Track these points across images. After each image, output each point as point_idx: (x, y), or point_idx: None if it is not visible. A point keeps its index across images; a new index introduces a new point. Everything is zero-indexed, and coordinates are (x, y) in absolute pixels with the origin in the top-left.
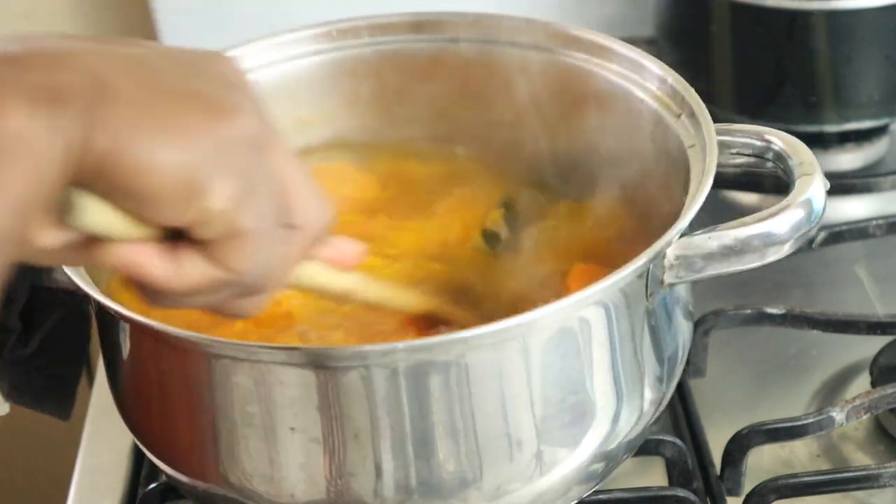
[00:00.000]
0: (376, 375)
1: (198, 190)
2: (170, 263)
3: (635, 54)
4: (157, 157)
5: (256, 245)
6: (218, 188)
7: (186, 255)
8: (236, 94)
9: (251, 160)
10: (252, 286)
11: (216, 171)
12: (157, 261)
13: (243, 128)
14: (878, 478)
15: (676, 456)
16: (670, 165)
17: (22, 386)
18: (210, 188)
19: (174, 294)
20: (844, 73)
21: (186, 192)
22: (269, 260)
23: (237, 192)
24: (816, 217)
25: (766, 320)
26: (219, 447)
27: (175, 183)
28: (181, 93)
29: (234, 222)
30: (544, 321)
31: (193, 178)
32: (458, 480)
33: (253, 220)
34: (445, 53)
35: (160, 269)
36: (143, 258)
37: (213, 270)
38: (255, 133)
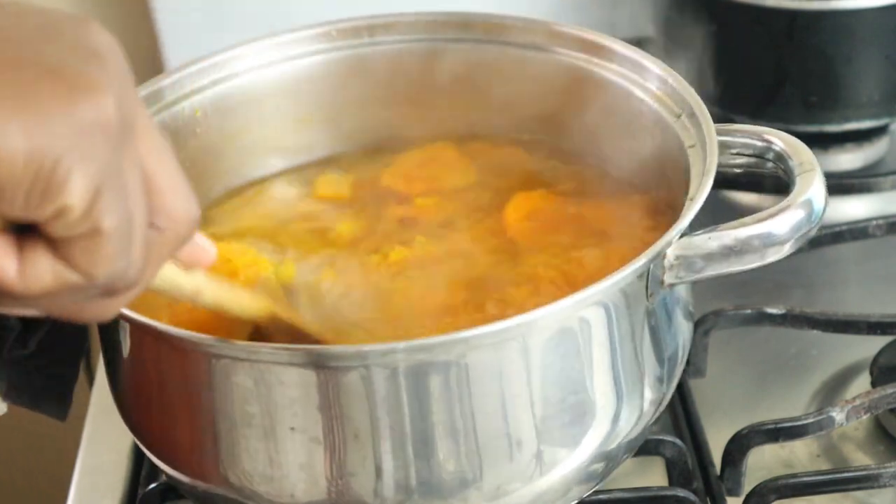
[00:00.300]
0: (376, 375)
1: (52, 181)
2: (14, 262)
3: (635, 54)
4: (2, 142)
5: (115, 246)
6: (75, 179)
7: (35, 254)
8: (97, 68)
9: (110, 148)
10: (108, 289)
11: (73, 160)
12: (4, 261)
13: (101, 109)
14: (878, 478)
15: (676, 456)
16: (670, 165)
17: (20, 386)
18: (66, 179)
19: (18, 296)
20: (844, 73)
21: (38, 182)
22: (130, 263)
23: (96, 184)
24: (817, 217)
25: (766, 320)
26: (219, 447)
27: (24, 172)
28: (30, 63)
29: (90, 220)
30: (544, 321)
31: (46, 167)
32: (458, 480)
33: (113, 217)
34: (445, 53)
35: (5, 266)
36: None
37: (65, 273)
38: (113, 116)
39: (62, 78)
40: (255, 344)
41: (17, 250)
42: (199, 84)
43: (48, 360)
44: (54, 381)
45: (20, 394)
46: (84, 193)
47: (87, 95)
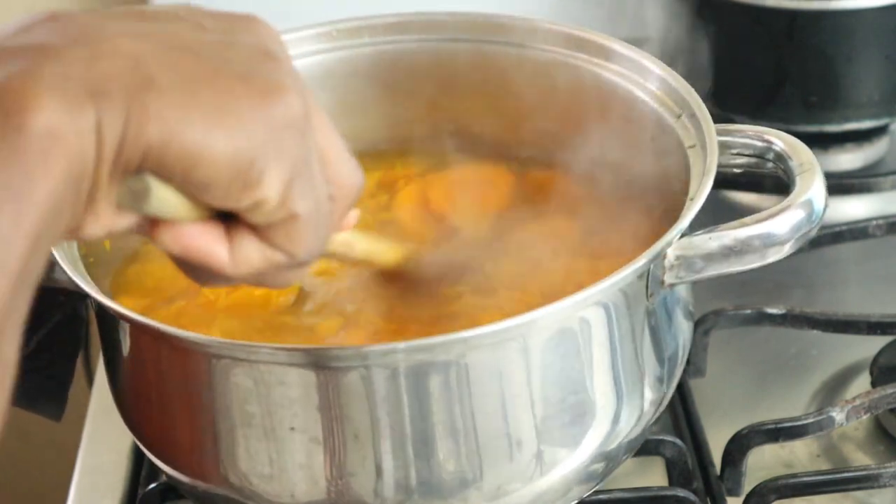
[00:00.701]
0: (376, 375)
1: (252, 177)
2: (225, 247)
3: (635, 54)
4: (208, 146)
5: (310, 227)
6: (271, 175)
7: (243, 238)
8: (276, 68)
9: (300, 141)
10: (305, 262)
11: (269, 157)
12: (216, 244)
13: (290, 108)
14: (878, 478)
15: (676, 456)
16: (670, 165)
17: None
18: (264, 175)
19: (230, 277)
20: (844, 73)
21: (241, 179)
22: (321, 236)
23: (289, 176)
24: (817, 217)
25: (766, 320)
26: (219, 447)
27: (229, 171)
28: (222, 74)
29: (287, 207)
30: (544, 321)
31: (247, 166)
32: (458, 480)
33: (305, 203)
34: (445, 53)
35: (220, 252)
36: (204, 242)
37: (270, 253)
38: (301, 111)
39: (252, 84)
40: (255, 344)
41: (227, 237)
42: None
43: (44, 361)
44: (50, 382)
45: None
46: (278, 186)
47: (276, 98)
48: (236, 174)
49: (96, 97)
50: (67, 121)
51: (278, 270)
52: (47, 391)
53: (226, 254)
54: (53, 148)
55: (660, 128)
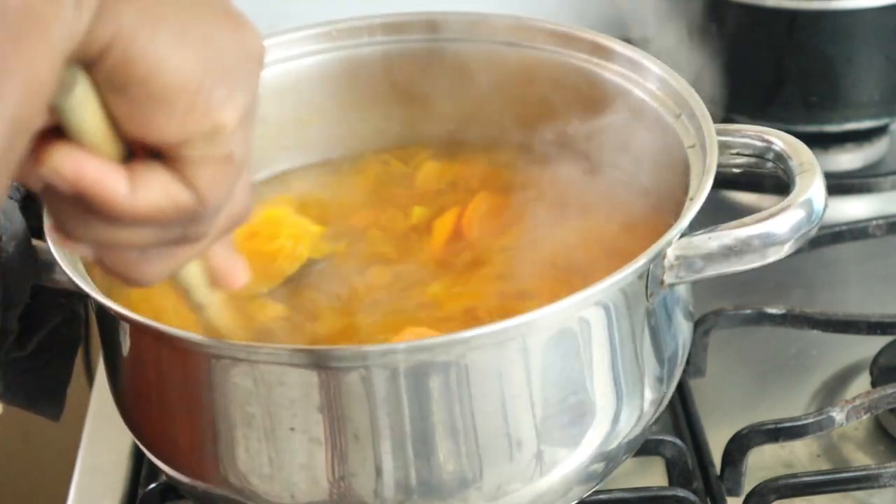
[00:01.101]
0: (376, 376)
1: (216, 100)
2: (124, 181)
3: (635, 54)
4: (182, 57)
5: (234, 175)
6: (235, 101)
7: (149, 173)
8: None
9: (257, 79)
10: (188, 233)
11: (236, 83)
12: (115, 175)
13: (258, 42)
14: (878, 478)
15: (676, 456)
16: (670, 165)
17: (15, 387)
18: (227, 100)
19: (125, 218)
20: (844, 73)
21: (204, 100)
22: (229, 197)
23: (245, 111)
24: (817, 217)
25: (766, 320)
26: (219, 447)
27: (197, 88)
28: (209, 8)
29: (230, 143)
30: (544, 321)
31: (203, 87)
32: (458, 480)
33: (244, 147)
34: (445, 53)
35: (118, 184)
36: (102, 171)
37: (181, 193)
38: (261, 48)
39: (231, 17)
40: (255, 344)
41: (128, 171)
42: None
43: (43, 361)
44: (49, 382)
45: (15, 394)
46: (237, 116)
47: (249, 31)
48: (200, 91)
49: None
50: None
51: (175, 228)
52: (46, 391)
53: (124, 185)
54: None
55: (660, 128)
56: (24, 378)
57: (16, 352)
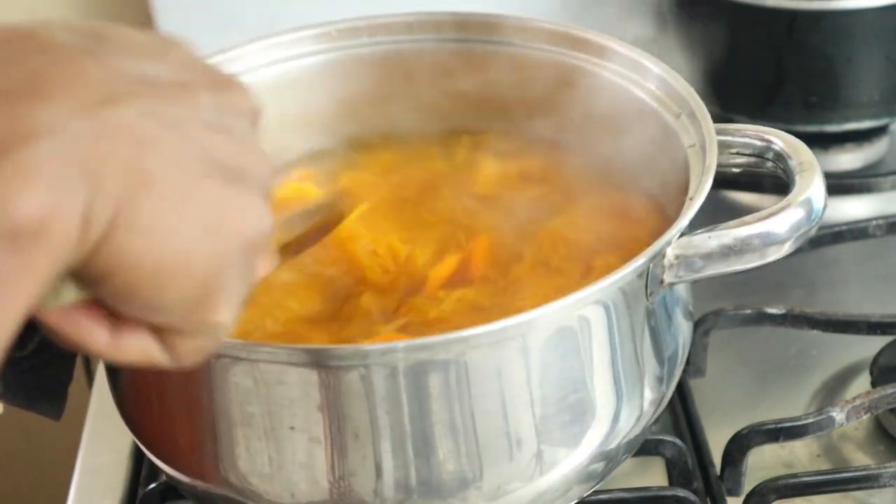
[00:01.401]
0: (376, 375)
1: (210, 301)
2: (110, 333)
3: (635, 54)
4: (178, 273)
5: (214, 345)
6: (230, 298)
7: (130, 333)
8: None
9: (255, 258)
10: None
11: (231, 282)
12: (98, 329)
13: (263, 224)
14: (878, 478)
15: (676, 456)
16: (670, 165)
17: (15, 386)
18: (222, 298)
19: (106, 359)
20: (844, 73)
21: (197, 303)
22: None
23: (241, 300)
24: (816, 217)
25: (766, 320)
26: (219, 447)
27: (188, 294)
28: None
29: (221, 330)
30: (544, 320)
31: (210, 288)
32: (458, 480)
33: (229, 328)
34: (445, 53)
35: (100, 338)
36: (85, 324)
37: (158, 355)
38: (268, 229)
39: (239, 190)
40: (255, 343)
41: (114, 324)
42: None
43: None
44: (49, 381)
45: (15, 394)
46: (233, 311)
47: (256, 211)
48: (202, 298)
49: (90, 182)
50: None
51: (150, 365)
52: (47, 391)
53: (105, 339)
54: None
55: (660, 128)
56: (25, 378)
57: (16, 352)
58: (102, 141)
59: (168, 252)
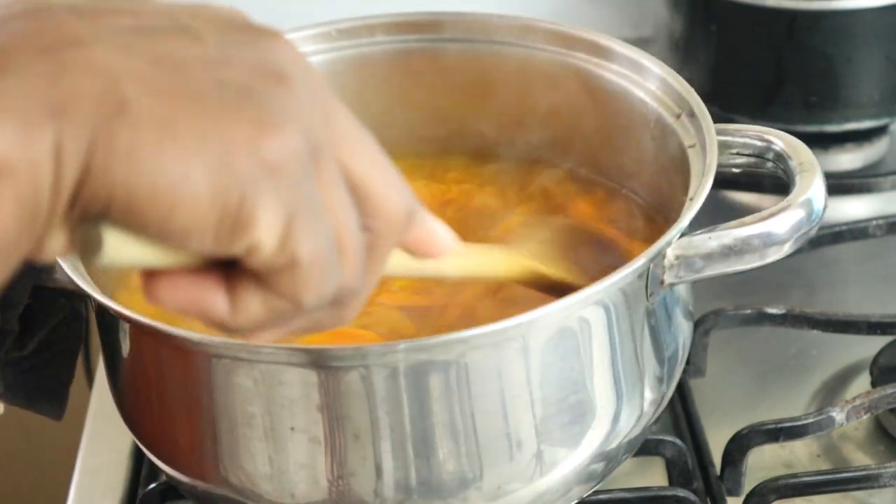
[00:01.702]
0: (376, 375)
1: (241, 219)
2: (224, 297)
3: (635, 54)
4: (186, 186)
5: (318, 272)
6: (266, 216)
7: (243, 287)
8: (279, 95)
9: (300, 178)
10: (334, 302)
11: (261, 196)
12: (213, 294)
13: (287, 143)
14: (878, 478)
15: (676, 456)
16: (670, 165)
17: (16, 386)
18: (252, 216)
19: (234, 330)
20: (844, 73)
21: (225, 222)
22: (344, 278)
23: (286, 218)
24: (817, 217)
25: (766, 320)
26: (219, 447)
27: (209, 213)
28: (210, 98)
29: (288, 252)
30: (544, 321)
31: (235, 206)
32: (458, 480)
33: (309, 245)
34: (445, 53)
35: (218, 303)
36: (197, 292)
37: (275, 302)
38: (301, 147)
39: (243, 113)
40: (255, 343)
41: (226, 285)
42: None
43: (44, 360)
44: (50, 381)
45: (16, 394)
46: (274, 228)
47: (271, 132)
48: (221, 217)
49: (57, 117)
50: (19, 148)
51: (288, 319)
52: (47, 391)
53: (225, 304)
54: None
55: (660, 128)
56: (25, 378)
57: (16, 352)
58: (68, 76)
59: (158, 173)
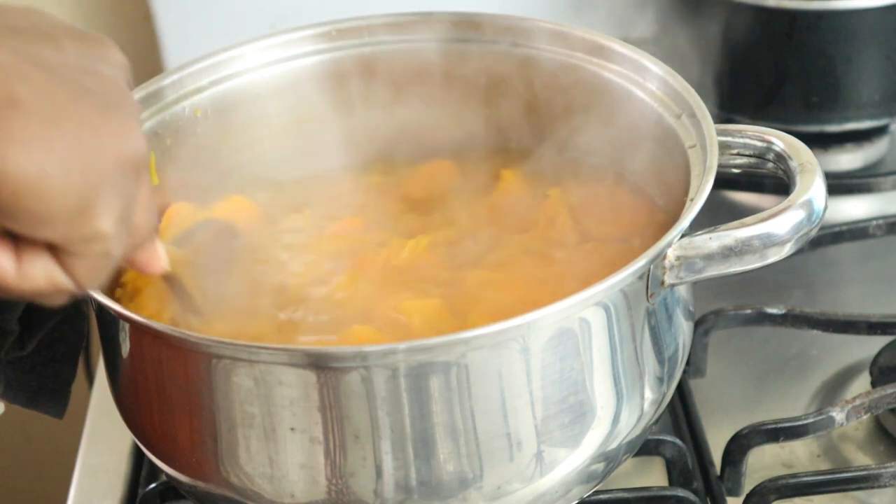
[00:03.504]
0: (376, 376)
1: (95, 212)
2: (13, 261)
3: (635, 54)
4: (56, 182)
5: (110, 264)
6: (112, 211)
7: (35, 257)
8: (129, 104)
9: (137, 181)
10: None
11: (114, 193)
12: (4, 259)
13: (139, 147)
14: (878, 478)
15: (676, 456)
16: (670, 165)
17: (17, 385)
18: (105, 211)
19: (11, 291)
20: (844, 73)
21: (77, 212)
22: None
23: (120, 215)
24: (817, 218)
25: (766, 320)
26: (219, 447)
27: (68, 203)
28: (84, 103)
29: (107, 244)
30: (544, 321)
31: (88, 199)
32: (458, 480)
33: (122, 242)
34: (445, 53)
35: (7, 265)
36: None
37: (61, 278)
38: (145, 152)
39: (109, 118)
40: (255, 344)
41: (15, 250)
42: (199, 84)
43: (45, 359)
44: (51, 380)
45: (17, 393)
46: (113, 222)
47: (129, 135)
48: (72, 205)
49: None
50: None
51: (55, 294)
52: (48, 390)
53: (12, 268)
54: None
55: (660, 128)
56: (26, 377)
57: (16, 352)
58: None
59: (41, 164)
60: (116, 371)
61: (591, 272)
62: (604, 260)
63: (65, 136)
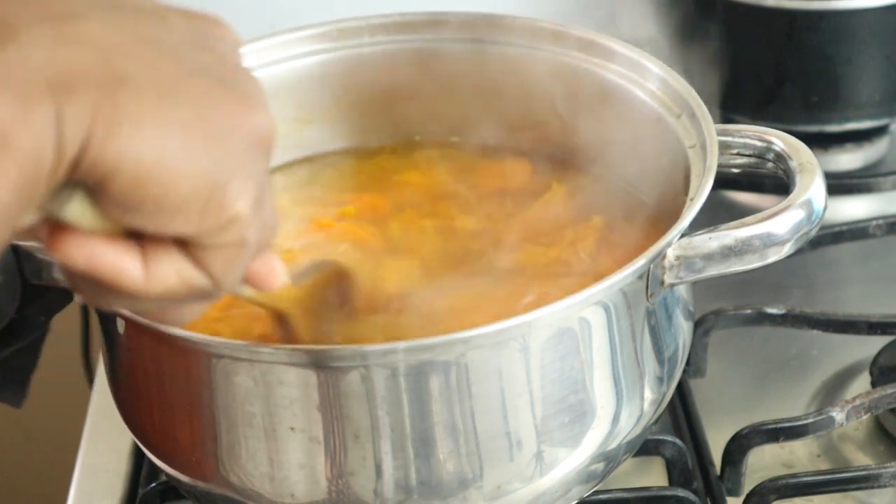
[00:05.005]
0: (376, 375)
1: (228, 197)
2: (139, 263)
3: (635, 54)
4: (192, 163)
5: (248, 255)
6: (244, 191)
7: (163, 255)
8: (250, 80)
9: (267, 159)
10: (220, 293)
11: (244, 174)
12: (128, 259)
13: (266, 122)
14: (878, 478)
15: (676, 456)
16: (670, 165)
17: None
18: (239, 193)
19: (139, 296)
20: (844, 73)
21: (210, 197)
22: (244, 269)
23: (256, 197)
24: (817, 217)
25: (766, 320)
26: (219, 447)
27: (210, 189)
28: (202, 78)
29: (244, 231)
30: (544, 321)
31: (217, 185)
32: (458, 480)
33: (258, 230)
34: (446, 53)
35: (132, 269)
36: (114, 255)
37: (195, 276)
38: (273, 128)
39: (231, 93)
40: (255, 344)
41: (141, 251)
42: None
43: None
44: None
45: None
46: (250, 204)
47: (255, 110)
48: (201, 194)
49: (58, 90)
50: (21, 119)
51: (189, 298)
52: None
53: (139, 270)
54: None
55: (660, 128)
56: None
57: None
58: (66, 47)
59: (161, 145)
60: (116, 371)
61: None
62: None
63: (183, 113)
